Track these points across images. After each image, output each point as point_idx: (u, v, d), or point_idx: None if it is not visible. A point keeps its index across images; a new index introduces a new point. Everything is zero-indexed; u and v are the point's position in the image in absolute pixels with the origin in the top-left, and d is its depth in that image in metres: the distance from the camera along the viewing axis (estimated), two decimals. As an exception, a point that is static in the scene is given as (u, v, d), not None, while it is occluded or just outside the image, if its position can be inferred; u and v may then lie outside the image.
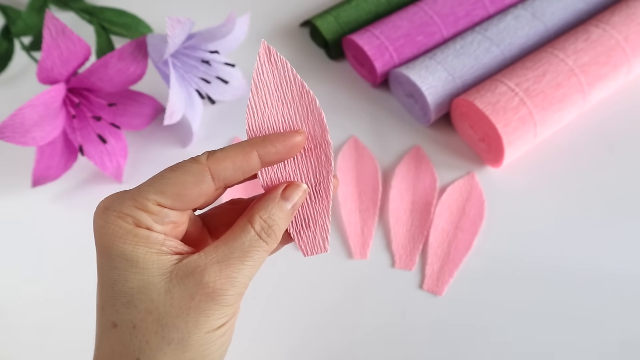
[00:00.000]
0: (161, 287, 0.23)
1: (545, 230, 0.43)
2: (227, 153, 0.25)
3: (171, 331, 0.23)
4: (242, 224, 0.25)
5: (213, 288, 0.23)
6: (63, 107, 0.42)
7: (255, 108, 0.26)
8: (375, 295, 0.41)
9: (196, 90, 0.47)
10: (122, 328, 0.23)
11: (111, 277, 0.23)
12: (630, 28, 0.46)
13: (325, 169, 0.27)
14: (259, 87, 0.26)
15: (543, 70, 0.44)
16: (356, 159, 0.47)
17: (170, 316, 0.23)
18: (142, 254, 0.23)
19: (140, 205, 0.24)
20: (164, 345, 0.23)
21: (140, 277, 0.23)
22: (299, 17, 0.57)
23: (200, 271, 0.23)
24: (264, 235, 0.25)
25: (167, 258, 0.24)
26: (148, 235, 0.23)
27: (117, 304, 0.23)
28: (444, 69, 0.46)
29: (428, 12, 0.50)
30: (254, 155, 0.25)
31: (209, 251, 0.24)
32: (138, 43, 0.42)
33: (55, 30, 0.38)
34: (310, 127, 0.27)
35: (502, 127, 0.42)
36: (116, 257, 0.23)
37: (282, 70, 0.26)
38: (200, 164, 0.24)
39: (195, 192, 0.24)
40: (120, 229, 0.23)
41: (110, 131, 0.45)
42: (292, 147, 0.26)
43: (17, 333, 0.40)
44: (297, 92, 0.26)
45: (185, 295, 0.23)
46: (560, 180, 0.45)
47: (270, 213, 0.25)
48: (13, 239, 0.45)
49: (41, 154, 0.43)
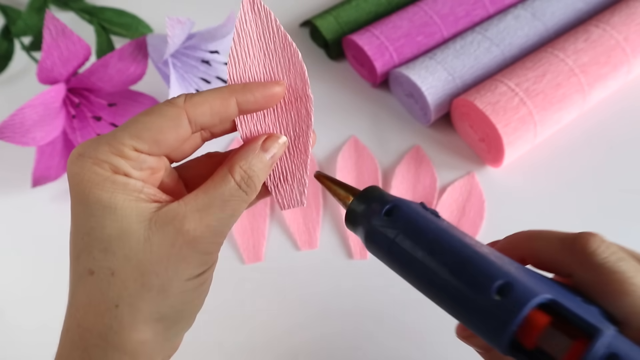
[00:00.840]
0: (140, 235, 0.23)
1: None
2: (205, 97, 0.24)
3: (151, 278, 0.22)
4: (222, 174, 0.24)
5: (193, 236, 0.23)
6: (63, 107, 0.42)
7: (236, 58, 0.26)
8: (375, 295, 0.41)
9: (196, 90, 0.47)
10: (99, 275, 0.23)
11: (87, 224, 0.23)
12: (630, 28, 0.46)
13: (305, 123, 0.27)
14: (241, 37, 0.26)
15: (543, 70, 0.44)
16: (356, 159, 0.47)
17: (150, 263, 0.22)
18: (120, 201, 0.23)
19: (117, 150, 0.23)
20: (144, 292, 0.23)
21: (118, 225, 0.23)
22: (299, 17, 0.57)
23: (180, 219, 0.23)
24: (244, 185, 0.25)
25: (146, 205, 0.23)
26: (126, 182, 0.23)
27: (94, 251, 0.23)
28: (444, 69, 0.46)
29: (428, 12, 0.50)
30: (233, 101, 0.25)
31: (189, 200, 0.24)
32: (138, 43, 0.42)
33: (55, 30, 0.38)
34: (292, 80, 0.26)
35: (502, 127, 0.42)
36: (93, 205, 0.23)
37: (265, 21, 0.26)
38: (177, 107, 0.24)
39: (172, 136, 0.24)
40: (96, 175, 0.23)
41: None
42: (271, 96, 0.25)
43: (17, 333, 0.40)
44: (279, 43, 0.26)
45: (165, 242, 0.23)
46: (560, 180, 0.45)
47: (250, 163, 0.25)
48: (13, 238, 0.45)
49: (41, 154, 0.43)
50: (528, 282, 0.19)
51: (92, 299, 0.23)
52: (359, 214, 0.24)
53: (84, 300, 0.23)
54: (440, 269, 0.20)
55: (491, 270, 0.19)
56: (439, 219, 0.23)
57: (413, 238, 0.21)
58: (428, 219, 0.22)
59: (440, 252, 0.21)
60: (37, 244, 0.44)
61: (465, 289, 0.20)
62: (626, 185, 0.45)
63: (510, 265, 0.20)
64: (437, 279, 0.20)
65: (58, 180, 0.46)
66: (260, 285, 0.41)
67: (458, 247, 0.21)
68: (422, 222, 0.22)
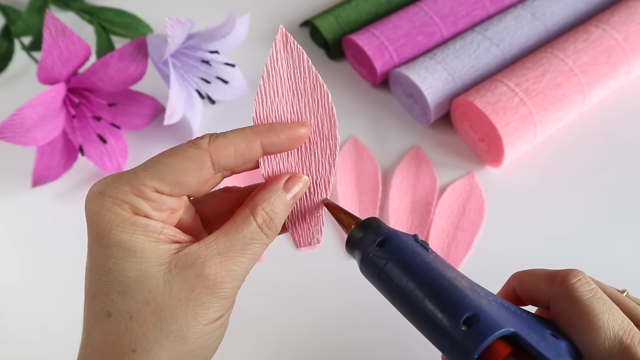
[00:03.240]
0: (160, 278, 0.22)
1: (545, 230, 0.43)
2: (230, 140, 0.24)
3: (170, 323, 0.22)
4: (244, 215, 0.24)
5: (214, 281, 0.23)
6: (63, 107, 0.42)
7: (264, 96, 0.26)
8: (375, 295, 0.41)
9: (196, 90, 0.47)
10: (117, 318, 0.22)
11: (106, 265, 0.23)
12: (630, 28, 0.46)
13: (329, 163, 0.27)
14: (271, 75, 0.25)
15: (543, 70, 0.44)
16: (356, 159, 0.47)
17: (169, 308, 0.22)
18: (140, 243, 0.22)
19: (138, 191, 0.23)
20: (162, 337, 0.22)
21: (138, 267, 0.22)
22: (299, 17, 0.57)
23: (201, 263, 0.23)
24: (266, 228, 0.24)
25: (166, 247, 0.23)
26: (146, 224, 0.23)
27: (112, 292, 0.22)
28: (444, 69, 0.46)
29: (428, 12, 0.50)
30: (257, 143, 0.24)
31: (209, 242, 0.23)
32: (138, 43, 0.42)
33: (55, 30, 0.38)
34: (319, 121, 0.26)
35: (502, 127, 0.42)
36: (113, 246, 0.22)
37: (297, 60, 0.26)
38: (201, 150, 0.23)
39: (194, 179, 0.23)
40: (117, 216, 0.22)
41: (110, 131, 0.45)
42: (296, 139, 0.25)
43: (17, 333, 0.40)
44: (310, 83, 0.26)
45: (185, 286, 0.22)
46: (560, 180, 0.45)
47: (272, 205, 0.25)
48: (13, 239, 0.45)
49: (41, 154, 0.43)
50: (495, 315, 0.22)
51: (109, 341, 0.23)
52: (356, 241, 0.26)
53: (100, 342, 0.23)
54: (418, 298, 0.23)
55: (463, 302, 0.22)
56: (427, 251, 0.25)
57: (399, 268, 0.24)
58: (415, 251, 0.24)
59: (420, 283, 0.23)
60: (37, 244, 0.44)
61: (438, 318, 0.22)
62: (626, 185, 0.45)
63: (483, 299, 0.23)
64: (416, 307, 0.23)
65: (58, 180, 0.46)
66: (260, 285, 0.41)
67: (437, 280, 0.23)
68: (409, 254, 0.24)
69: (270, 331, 0.40)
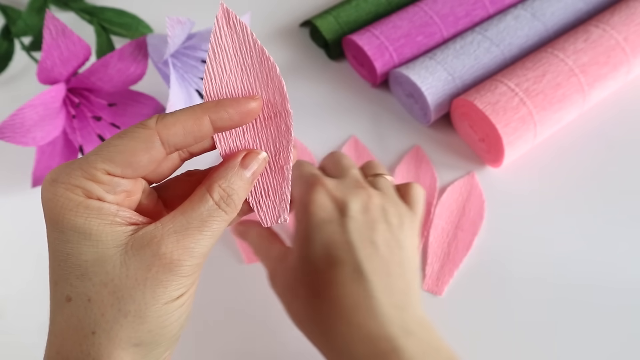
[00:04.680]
0: (116, 259, 0.22)
1: (545, 230, 0.43)
2: (177, 117, 0.24)
3: (127, 303, 0.22)
4: (200, 194, 0.24)
5: (170, 259, 0.23)
6: (63, 107, 0.42)
7: (213, 73, 0.25)
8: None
9: (196, 90, 0.47)
10: (76, 302, 0.23)
11: (64, 250, 0.23)
12: (630, 28, 0.46)
13: (285, 139, 0.26)
14: (216, 52, 0.25)
15: (543, 70, 0.44)
16: (356, 159, 0.47)
17: (127, 288, 0.22)
18: (95, 226, 0.22)
19: (89, 175, 0.23)
20: (121, 317, 0.22)
21: (94, 250, 0.22)
22: (299, 17, 0.57)
23: (156, 242, 0.23)
24: (223, 204, 0.24)
25: (122, 229, 0.23)
26: (100, 207, 0.23)
27: (71, 277, 0.23)
28: (444, 69, 0.46)
29: (428, 12, 0.51)
30: (206, 120, 0.24)
31: (166, 221, 0.23)
32: (138, 43, 0.42)
33: (55, 30, 0.38)
34: (270, 95, 0.26)
35: (502, 127, 0.42)
36: (68, 231, 0.23)
37: (241, 35, 0.25)
38: (148, 129, 0.23)
39: (145, 159, 0.23)
40: (70, 201, 0.22)
41: (110, 131, 0.45)
42: (246, 113, 0.25)
43: (17, 333, 0.40)
44: (257, 58, 0.25)
45: (141, 266, 0.22)
46: (560, 180, 0.45)
47: (229, 182, 0.25)
48: (13, 239, 0.45)
49: (41, 154, 0.43)
50: None
51: (69, 325, 0.23)
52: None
53: (62, 327, 0.23)
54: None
55: None
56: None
57: None
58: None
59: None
60: (37, 243, 0.44)
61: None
62: (626, 185, 0.45)
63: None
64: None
65: (58, 180, 0.46)
66: (260, 284, 0.41)
67: None
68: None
69: (269, 330, 0.39)
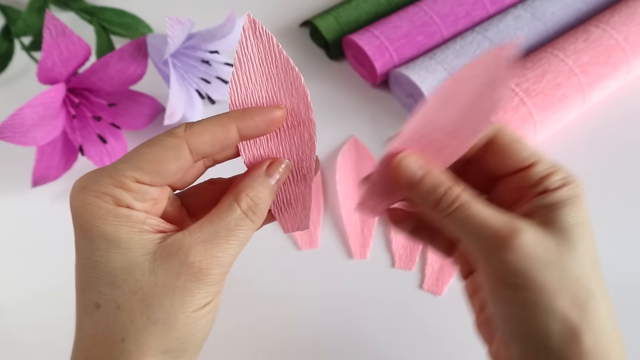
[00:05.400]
0: (145, 267, 0.23)
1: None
2: (205, 126, 0.24)
3: (157, 311, 0.23)
4: (227, 202, 0.24)
5: (199, 267, 0.23)
6: (63, 107, 0.42)
7: (238, 82, 0.26)
8: (375, 296, 0.41)
9: (196, 90, 0.47)
10: (105, 309, 0.23)
11: (93, 258, 0.23)
12: (630, 28, 0.46)
13: (308, 147, 0.27)
14: (242, 61, 0.25)
15: (543, 70, 0.44)
16: (356, 159, 0.47)
17: (156, 296, 0.23)
18: (124, 234, 0.23)
19: (119, 183, 0.23)
20: (150, 325, 0.23)
21: (123, 257, 0.23)
22: (299, 17, 0.57)
23: (185, 250, 0.23)
24: (251, 213, 0.24)
25: (150, 237, 0.23)
26: (129, 214, 0.23)
27: (100, 284, 0.23)
28: (444, 69, 0.46)
29: (428, 12, 0.50)
30: (233, 128, 0.25)
31: (194, 230, 0.24)
32: (138, 43, 0.42)
33: (55, 30, 0.38)
34: (294, 104, 0.26)
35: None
36: (97, 239, 0.23)
37: (267, 45, 0.26)
38: (177, 137, 0.24)
39: (173, 167, 0.24)
40: (99, 209, 0.23)
41: (110, 131, 0.45)
42: (271, 121, 0.25)
43: (17, 333, 0.40)
44: (282, 67, 0.26)
45: (170, 274, 0.23)
46: (560, 180, 0.45)
47: (256, 190, 0.25)
48: (13, 239, 0.45)
49: (41, 154, 0.43)
50: None
51: (98, 332, 0.23)
52: None
53: (91, 334, 0.23)
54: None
55: None
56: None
57: None
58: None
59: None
60: (37, 244, 0.44)
61: None
62: (626, 185, 0.45)
63: None
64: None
65: (58, 180, 0.46)
66: (260, 284, 0.41)
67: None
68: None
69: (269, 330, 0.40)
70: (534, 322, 0.22)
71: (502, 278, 0.23)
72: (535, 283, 0.22)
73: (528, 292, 0.22)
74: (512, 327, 0.23)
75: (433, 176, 0.24)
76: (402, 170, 0.25)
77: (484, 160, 0.26)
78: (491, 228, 0.22)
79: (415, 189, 0.24)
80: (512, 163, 0.25)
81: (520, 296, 0.22)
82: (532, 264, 0.22)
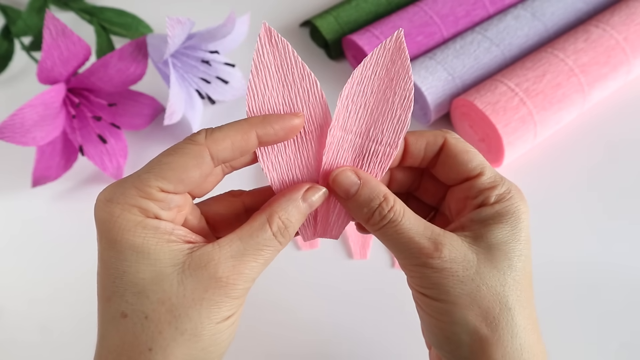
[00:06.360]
0: (174, 278, 0.23)
1: (544, 230, 0.43)
2: (226, 133, 0.25)
3: (184, 321, 0.23)
4: (260, 222, 0.25)
5: (226, 282, 0.23)
6: (63, 107, 0.42)
7: (255, 89, 0.26)
8: (375, 296, 0.41)
9: (196, 90, 0.47)
10: (132, 318, 0.23)
11: (120, 268, 0.23)
12: (630, 28, 0.46)
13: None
14: (259, 69, 0.26)
15: (543, 70, 0.44)
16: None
17: (184, 307, 0.23)
18: (152, 245, 0.23)
19: (145, 193, 0.23)
20: (177, 335, 0.23)
21: (152, 269, 0.23)
22: (299, 17, 0.57)
23: (214, 265, 0.23)
24: (280, 235, 0.25)
25: (178, 247, 0.24)
26: (157, 226, 0.23)
27: (127, 294, 0.23)
28: (444, 69, 0.46)
29: (428, 12, 0.50)
30: (253, 134, 0.25)
31: (224, 244, 0.24)
32: (138, 43, 0.42)
33: (55, 30, 0.38)
34: (312, 109, 0.26)
35: (502, 127, 0.42)
36: (126, 250, 0.23)
37: (283, 52, 0.26)
38: (198, 145, 0.24)
39: (196, 174, 0.24)
40: (128, 222, 0.23)
41: (110, 131, 0.45)
42: (290, 129, 0.26)
43: (17, 333, 0.40)
44: (298, 74, 0.26)
45: (198, 287, 0.23)
46: (560, 180, 0.45)
47: (289, 214, 0.25)
48: (13, 239, 0.45)
49: (41, 154, 0.43)
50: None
51: (125, 341, 0.23)
52: None
53: (117, 343, 0.23)
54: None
55: None
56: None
57: None
58: None
59: None
60: (37, 243, 0.44)
61: None
62: (626, 185, 0.45)
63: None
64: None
65: (58, 180, 0.46)
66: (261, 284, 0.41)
67: None
68: None
69: (270, 331, 0.40)
70: (448, 331, 0.24)
71: (423, 289, 0.25)
72: (450, 297, 0.24)
73: (443, 304, 0.24)
74: (431, 335, 0.26)
75: (369, 187, 0.25)
76: (339, 186, 0.26)
77: (436, 170, 0.28)
78: (417, 245, 0.24)
79: (351, 202, 0.26)
80: (461, 172, 0.26)
81: (436, 307, 0.24)
82: (448, 280, 0.24)
